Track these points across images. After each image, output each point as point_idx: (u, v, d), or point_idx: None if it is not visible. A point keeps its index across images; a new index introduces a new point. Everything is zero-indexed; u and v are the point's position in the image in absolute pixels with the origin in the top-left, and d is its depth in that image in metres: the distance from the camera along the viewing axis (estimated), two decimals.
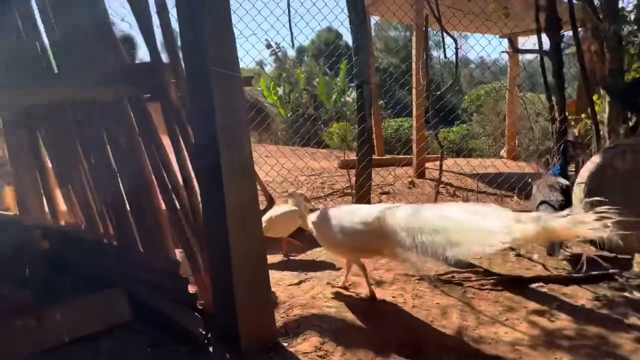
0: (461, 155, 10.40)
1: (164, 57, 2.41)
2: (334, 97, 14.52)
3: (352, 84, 16.03)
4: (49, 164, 3.32)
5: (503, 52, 13.13)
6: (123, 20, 2.69)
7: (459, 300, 2.75)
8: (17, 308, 2.21)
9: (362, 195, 4.14)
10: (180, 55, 2.30)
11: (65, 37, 2.85)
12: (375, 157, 6.26)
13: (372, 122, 4.16)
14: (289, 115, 14.11)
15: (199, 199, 2.38)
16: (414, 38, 6.47)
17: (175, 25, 2.40)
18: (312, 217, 2.87)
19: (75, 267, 3.01)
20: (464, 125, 15.01)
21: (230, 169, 2.08)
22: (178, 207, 2.52)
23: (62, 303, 2.28)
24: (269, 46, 11.17)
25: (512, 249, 3.48)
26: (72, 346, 2.19)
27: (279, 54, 13.27)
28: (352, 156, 4.79)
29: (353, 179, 4.35)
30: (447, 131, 14.03)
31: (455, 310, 2.62)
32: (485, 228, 2.02)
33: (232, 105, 2.09)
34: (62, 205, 3.42)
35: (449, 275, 3.10)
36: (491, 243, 1.96)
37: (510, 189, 5.51)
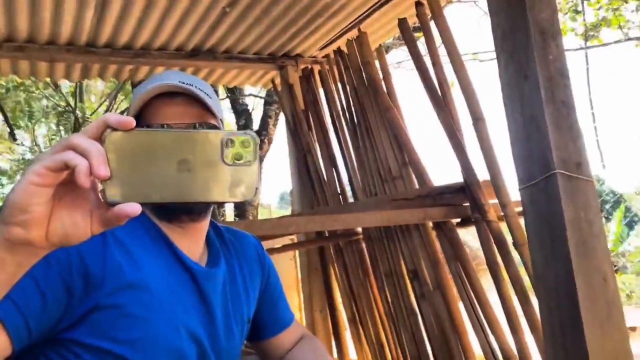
0: None
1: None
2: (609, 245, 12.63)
3: (632, 230, 13.92)
4: (338, 299, 3.14)
5: None
6: None
7: None
8: None
9: None
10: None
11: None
12: None
13: None
14: None
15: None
16: None
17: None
18: None
19: None
20: None
21: (590, 308, 1.48)
22: (501, 357, 1.97)
23: None
24: None
25: None
26: None
27: None
28: None
29: None
30: None
31: None
32: None
33: (587, 219, 1.55)
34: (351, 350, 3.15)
35: None
36: None
37: None
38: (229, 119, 7.28)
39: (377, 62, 2.67)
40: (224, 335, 1.01)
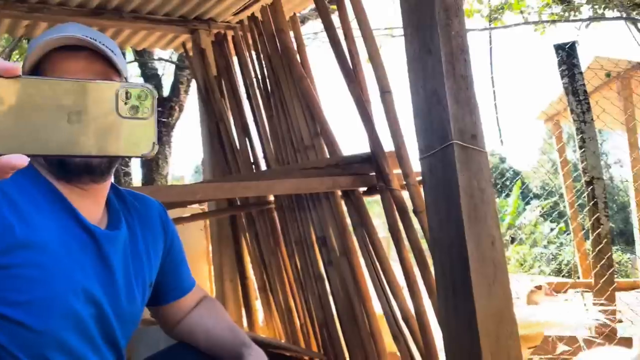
0: None
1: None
2: (506, 219, 13.74)
3: (527, 205, 15.17)
4: (249, 268, 3.16)
5: None
6: None
7: None
8: None
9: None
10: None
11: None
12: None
13: (609, 225, 3.42)
14: None
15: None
16: None
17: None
18: None
19: None
20: None
21: (479, 269, 1.61)
22: (400, 319, 2.09)
23: None
24: None
25: None
26: None
27: None
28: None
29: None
30: None
31: None
32: None
33: (479, 187, 1.67)
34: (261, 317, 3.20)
35: None
36: None
37: None
38: None
39: (292, 33, 2.66)
40: (126, 298, 1.00)
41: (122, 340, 1.02)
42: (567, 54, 3.45)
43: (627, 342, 3.17)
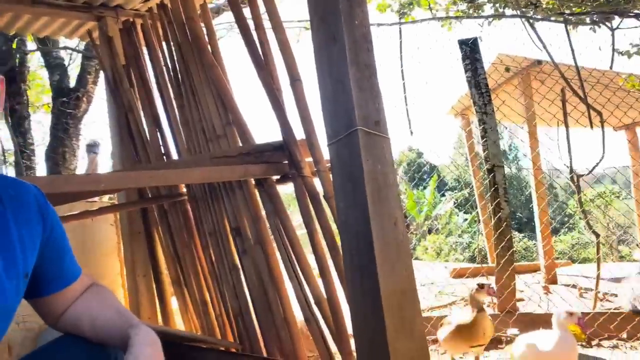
0: (576, 263, 9.47)
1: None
2: (424, 210, 14.40)
3: (443, 197, 15.95)
4: (162, 262, 3.08)
5: None
6: None
7: None
8: None
9: (506, 298, 3.53)
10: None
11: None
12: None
13: (509, 210, 3.66)
14: None
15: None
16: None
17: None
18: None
19: None
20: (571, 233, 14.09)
21: (383, 249, 1.68)
22: (313, 303, 2.13)
23: None
24: None
25: None
26: None
27: None
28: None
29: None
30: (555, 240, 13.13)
31: None
32: None
33: (382, 171, 1.74)
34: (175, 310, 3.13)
35: None
36: None
37: None
38: (41, 74, 6.54)
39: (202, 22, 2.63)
40: None
41: None
42: (470, 49, 3.66)
43: (525, 317, 3.44)
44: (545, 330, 2.27)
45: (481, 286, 2.31)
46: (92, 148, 4.36)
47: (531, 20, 3.90)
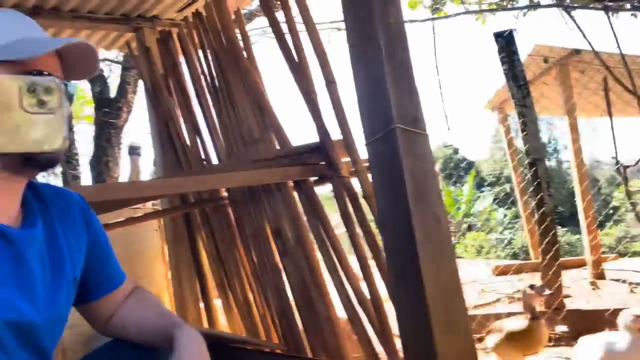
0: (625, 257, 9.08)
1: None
2: (462, 207, 14.14)
3: (481, 193, 15.63)
4: (206, 265, 3.13)
5: None
6: None
7: None
8: None
9: (552, 295, 3.44)
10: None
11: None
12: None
13: (552, 204, 3.58)
14: None
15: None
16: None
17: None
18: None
19: None
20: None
21: (426, 247, 1.67)
22: (356, 303, 2.13)
23: None
24: None
25: None
26: None
27: None
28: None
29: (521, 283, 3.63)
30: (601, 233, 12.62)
31: None
32: None
33: (422, 168, 1.73)
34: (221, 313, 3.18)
35: None
36: None
37: None
38: (82, 86, 6.77)
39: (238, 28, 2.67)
40: (46, 298, 0.96)
41: (48, 343, 0.98)
42: (506, 42, 3.59)
43: (573, 314, 3.34)
44: (609, 332, 2.17)
45: (532, 287, 2.24)
46: (134, 150, 4.47)
47: (568, 9, 3.80)
